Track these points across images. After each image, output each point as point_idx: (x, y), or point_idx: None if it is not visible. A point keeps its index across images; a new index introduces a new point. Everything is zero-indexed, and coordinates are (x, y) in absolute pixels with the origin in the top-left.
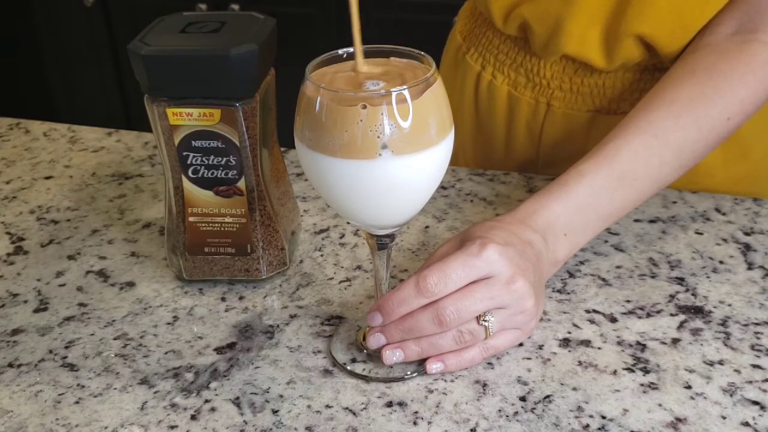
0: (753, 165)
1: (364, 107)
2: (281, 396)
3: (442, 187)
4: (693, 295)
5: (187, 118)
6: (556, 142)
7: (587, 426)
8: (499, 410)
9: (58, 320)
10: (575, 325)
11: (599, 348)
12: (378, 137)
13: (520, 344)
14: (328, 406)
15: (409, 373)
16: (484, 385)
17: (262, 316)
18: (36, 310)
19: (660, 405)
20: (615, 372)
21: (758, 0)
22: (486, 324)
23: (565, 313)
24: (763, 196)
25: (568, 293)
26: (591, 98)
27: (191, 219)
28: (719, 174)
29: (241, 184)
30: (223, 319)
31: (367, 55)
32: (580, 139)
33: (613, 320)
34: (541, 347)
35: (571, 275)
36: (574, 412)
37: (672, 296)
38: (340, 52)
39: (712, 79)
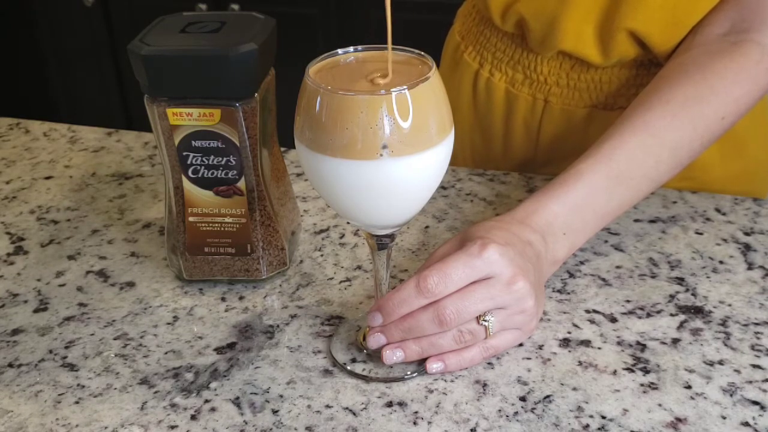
0: (749, 162)
1: (366, 99)
2: (281, 396)
3: (442, 187)
4: (693, 295)
5: (187, 118)
6: (554, 138)
7: (587, 426)
8: (499, 410)
9: (58, 320)
10: (575, 325)
11: (599, 348)
12: (378, 136)
13: (520, 344)
14: (328, 406)
15: (409, 373)
16: (484, 385)
17: (262, 316)
18: (36, 310)
19: (660, 405)
20: (615, 372)
21: (750, 0)
22: (486, 324)
23: (565, 313)
24: (761, 193)
25: (568, 293)
26: (588, 94)
27: (191, 219)
28: (716, 170)
29: (241, 184)
30: (223, 319)
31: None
32: (578, 135)
33: (613, 320)
34: (541, 347)
35: (571, 275)
36: (574, 412)
37: (672, 296)
38: (340, 52)
39: (706, 79)
